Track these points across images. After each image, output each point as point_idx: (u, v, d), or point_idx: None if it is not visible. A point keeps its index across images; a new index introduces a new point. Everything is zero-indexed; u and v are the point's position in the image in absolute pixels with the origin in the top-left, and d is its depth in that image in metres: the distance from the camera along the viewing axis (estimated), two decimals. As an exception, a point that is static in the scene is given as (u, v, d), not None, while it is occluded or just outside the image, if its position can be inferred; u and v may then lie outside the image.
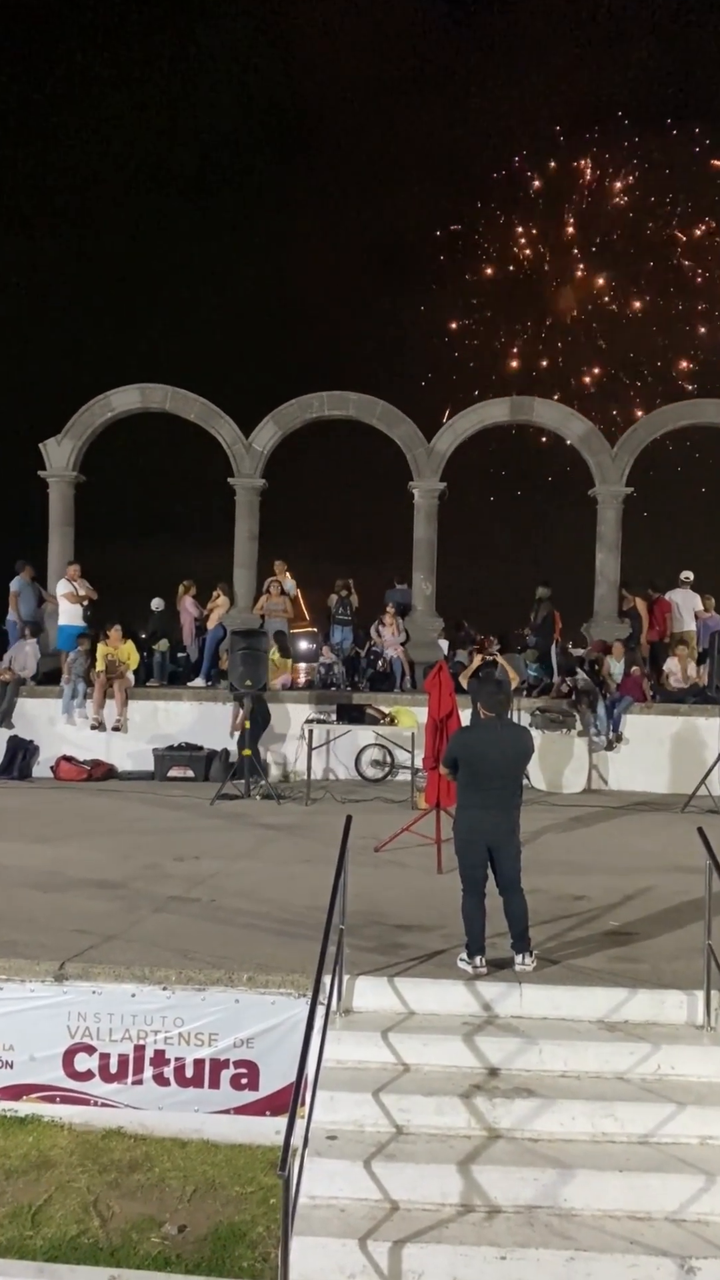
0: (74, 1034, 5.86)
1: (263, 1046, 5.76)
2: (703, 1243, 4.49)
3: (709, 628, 15.02)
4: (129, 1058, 5.82)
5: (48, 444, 16.09)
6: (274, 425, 16.18)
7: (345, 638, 15.62)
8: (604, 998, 5.74)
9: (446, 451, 16.12)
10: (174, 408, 16.33)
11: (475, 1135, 5.01)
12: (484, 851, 6.10)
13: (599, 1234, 4.54)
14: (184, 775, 13.38)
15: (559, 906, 7.40)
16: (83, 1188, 5.20)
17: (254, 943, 6.45)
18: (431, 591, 16.15)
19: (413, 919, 7.04)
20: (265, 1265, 4.62)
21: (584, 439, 16.21)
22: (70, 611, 14.73)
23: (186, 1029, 5.80)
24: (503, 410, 16.54)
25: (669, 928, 6.98)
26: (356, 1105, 5.09)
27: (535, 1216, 4.64)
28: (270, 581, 15.80)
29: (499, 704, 6.40)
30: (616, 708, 13.64)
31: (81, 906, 7.26)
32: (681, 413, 16.38)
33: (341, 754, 13.74)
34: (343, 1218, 4.62)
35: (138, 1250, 4.75)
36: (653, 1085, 5.27)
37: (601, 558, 16.10)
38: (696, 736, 13.28)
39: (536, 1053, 5.39)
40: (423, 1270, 4.41)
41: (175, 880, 8.12)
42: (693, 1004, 5.69)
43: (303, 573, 17.87)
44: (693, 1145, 4.99)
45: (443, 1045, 5.44)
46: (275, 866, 8.66)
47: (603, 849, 9.76)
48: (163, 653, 15.51)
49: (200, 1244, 4.81)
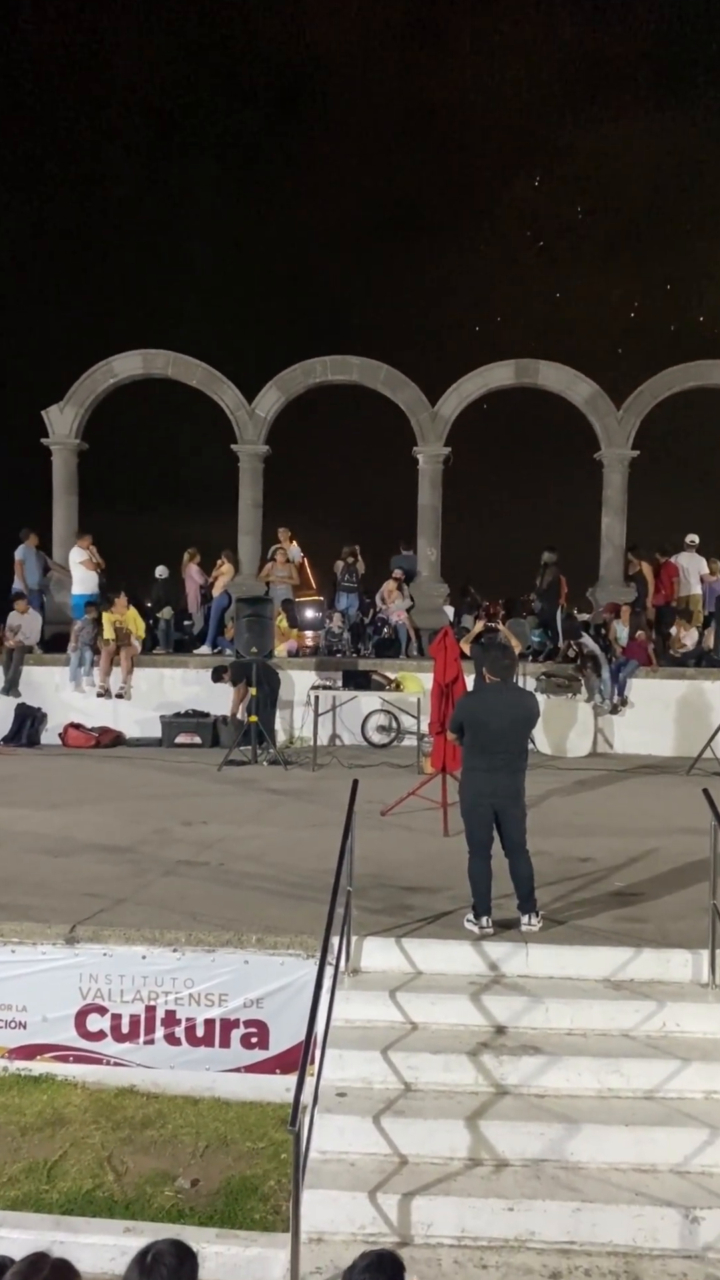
0: (86, 995, 5.94)
1: (272, 1006, 5.84)
2: (706, 1194, 4.57)
3: (714, 591, 14.99)
4: (140, 1018, 5.90)
5: (50, 411, 16.00)
6: (277, 390, 16.07)
7: (351, 604, 15.61)
8: (610, 957, 5.80)
9: (451, 416, 16.00)
10: (176, 373, 16.21)
11: (483, 1091, 5.08)
12: (490, 814, 6.14)
13: (605, 1186, 4.62)
14: (191, 742, 13.45)
15: (565, 868, 7.45)
16: (97, 1144, 5.30)
17: (262, 905, 6.52)
18: (436, 557, 16.10)
19: (419, 881, 7.10)
20: (277, 1218, 4.71)
21: (590, 401, 16.07)
22: (85, 579, 14.72)
23: (197, 990, 5.88)
24: (507, 373, 16.37)
25: (674, 888, 7.03)
26: (365, 1063, 5.17)
27: (542, 1169, 4.72)
28: (275, 549, 15.76)
29: (504, 668, 6.41)
30: (622, 672, 13.65)
31: (92, 871, 7.33)
32: (689, 374, 16.19)
33: (348, 720, 13.78)
34: (353, 1171, 4.70)
35: (151, 1204, 4.85)
36: (658, 1042, 5.34)
37: (607, 522, 16.01)
38: (702, 700, 13.29)
39: (543, 1011, 5.46)
40: (431, 1221, 4.50)
41: (184, 844, 8.18)
42: (698, 962, 5.75)
43: (311, 540, 17.78)
44: (697, 1100, 5.07)
45: (450, 1004, 5.51)
46: (283, 831, 8.72)
47: (608, 811, 9.81)
48: (167, 620, 15.52)
49: (213, 1197, 4.90)
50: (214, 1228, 4.64)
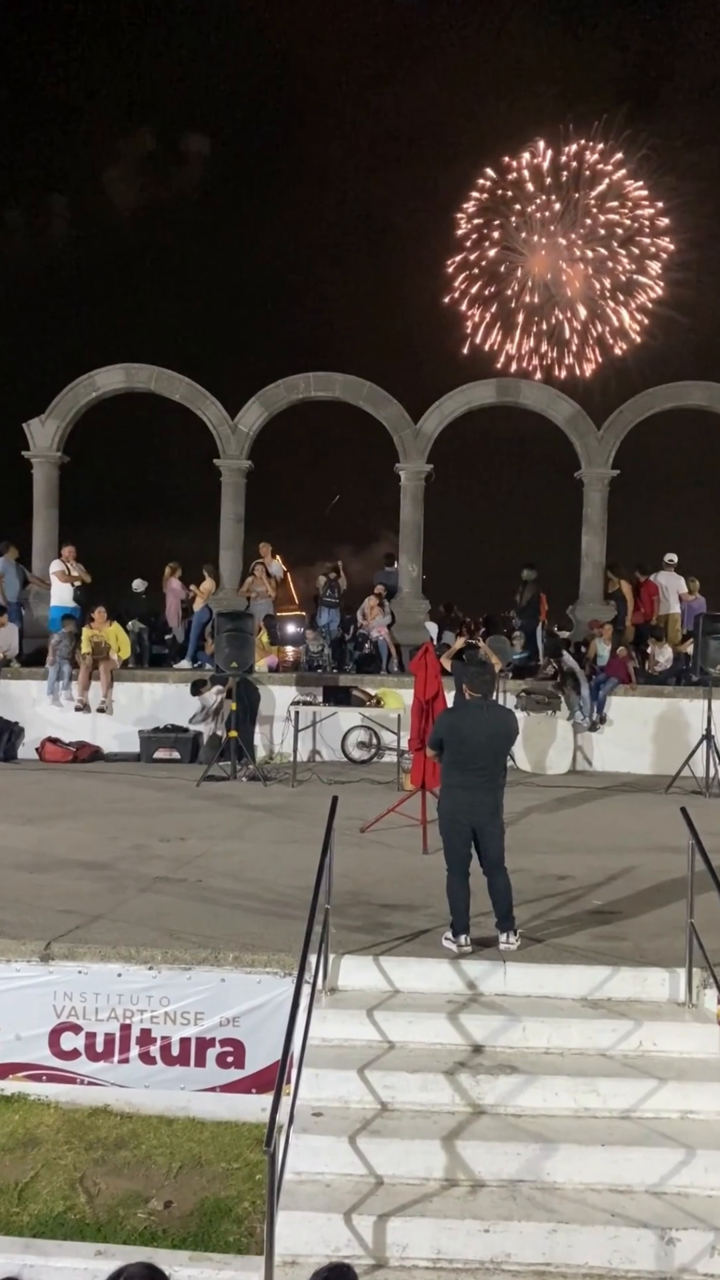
0: (60, 1013, 5.87)
1: (249, 1025, 5.79)
2: (682, 1214, 4.56)
3: (693, 610, 15.10)
4: (115, 1036, 5.84)
5: (31, 424, 15.96)
6: (260, 406, 16.10)
7: (332, 619, 15.62)
8: (587, 975, 5.79)
9: (433, 433, 16.09)
10: (159, 388, 16.23)
11: (459, 1111, 5.05)
12: (468, 831, 6.13)
13: (581, 1207, 4.60)
14: (170, 757, 13.38)
15: (543, 886, 7.45)
16: (69, 1165, 5.23)
17: (240, 922, 6.47)
18: (418, 573, 16.14)
19: (398, 898, 7.08)
20: (251, 1240, 4.66)
21: (570, 421, 16.20)
22: (61, 592, 14.65)
23: (172, 1008, 5.82)
24: (489, 391, 16.50)
25: (652, 906, 7.04)
26: (342, 1082, 5.14)
27: (518, 1190, 4.70)
28: (256, 564, 15.76)
29: (484, 684, 6.41)
30: (601, 689, 13.70)
31: (67, 887, 7.27)
32: (668, 395, 16.38)
33: (328, 736, 13.76)
34: (328, 1192, 4.66)
35: (124, 1226, 4.79)
36: (635, 1061, 5.33)
37: (587, 540, 16.12)
38: (681, 718, 13.36)
39: (520, 1030, 5.44)
40: (407, 1243, 4.46)
41: (161, 861, 8.13)
42: (674, 981, 5.76)
43: (292, 555, 17.83)
44: (673, 1119, 5.06)
45: (427, 1023, 5.48)
46: (261, 847, 8.68)
47: (587, 829, 9.82)
48: (138, 633, 15.42)
49: (186, 1219, 4.85)
50: (187, 1250, 4.59)
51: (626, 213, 33.88)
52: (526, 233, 34.73)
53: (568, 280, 34.11)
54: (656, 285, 32.67)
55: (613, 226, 34.74)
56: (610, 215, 34.53)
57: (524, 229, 34.75)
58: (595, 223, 34.62)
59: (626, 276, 33.40)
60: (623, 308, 33.81)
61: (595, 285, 34.27)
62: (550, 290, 34.21)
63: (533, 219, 34.77)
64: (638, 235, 33.73)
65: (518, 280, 34.46)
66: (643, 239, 33.50)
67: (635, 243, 34.34)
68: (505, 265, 34.79)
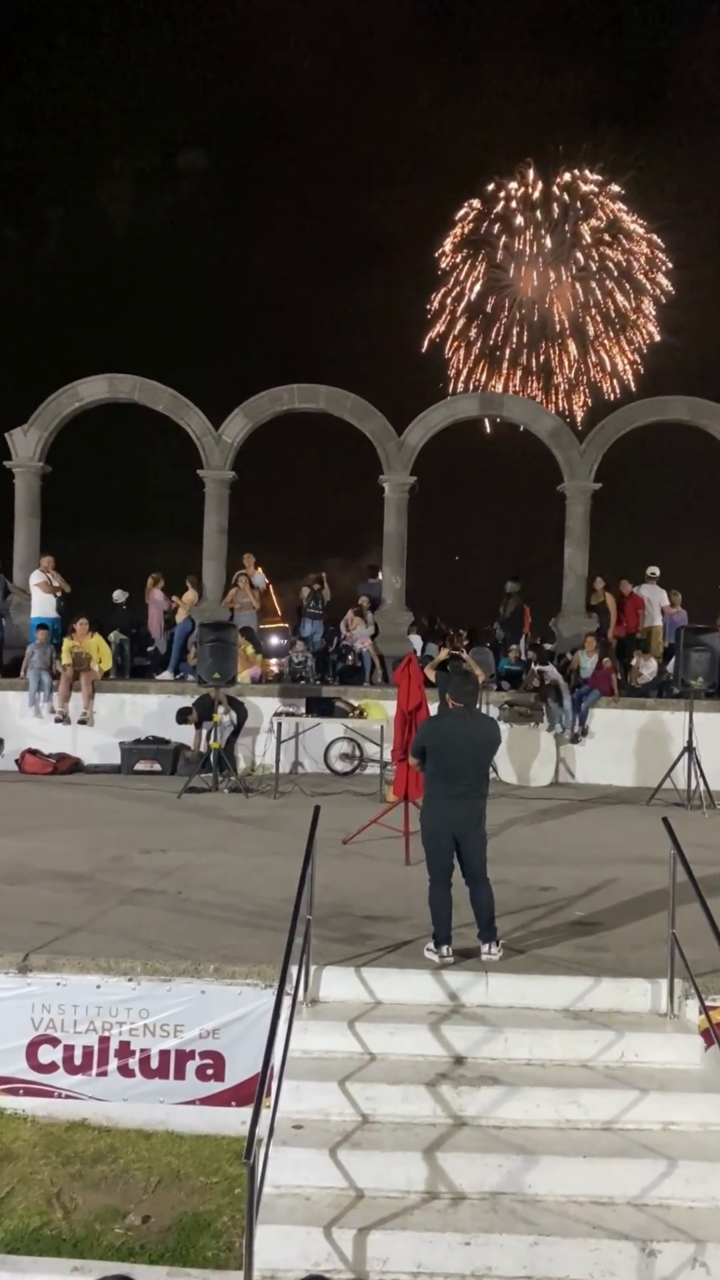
0: (38, 1026, 5.80)
1: (229, 1037, 5.74)
2: (664, 1226, 4.54)
3: (675, 623, 15.17)
4: (93, 1049, 5.77)
5: (13, 433, 15.91)
6: (244, 417, 16.11)
7: (316, 631, 15.59)
8: (569, 986, 5.77)
9: (417, 445, 16.13)
10: (142, 398, 16.21)
11: (441, 1123, 5.02)
12: (450, 842, 6.12)
13: (562, 1219, 4.57)
14: (151, 769, 13.30)
15: (526, 897, 7.44)
16: (45, 1180, 5.15)
17: (220, 934, 6.42)
18: (401, 585, 16.16)
19: (380, 910, 7.05)
20: (230, 1255, 4.61)
21: (553, 434, 16.29)
22: (42, 602, 14.57)
23: (152, 1020, 5.76)
24: (473, 405, 16.59)
25: (634, 917, 7.04)
26: (322, 1094, 5.09)
27: (499, 1203, 4.67)
28: (239, 575, 15.73)
29: (468, 694, 6.41)
30: (584, 701, 13.74)
31: (46, 898, 7.20)
32: (650, 409, 16.51)
33: (310, 747, 13.72)
34: (308, 1206, 4.62)
35: (101, 1241, 4.72)
36: (616, 1072, 5.31)
37: (570, 552, 16.18)
38: (663, 730, 13.40)
39: (502, 1041, 5.42)
40: (387, 1257, 4.42)
41: (142, 872, 8.07)
42: (656, 992, 5.75)
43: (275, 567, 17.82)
44: (655, 1131, 5.04)
45: (409, 1034, 5.45)
46: (243, 859, 8.63)
47: (569, 841, 9.82)
48: (119, 644, 15.33)
49: (164, 1234, 4.79)
50: (165, 1266, 4.53)
51: (621, 249, 34.17)
52: (514, 266, 34.97)
53: (557, 316, 34.36)
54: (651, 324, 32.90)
55: (605, 259, 35.02)
56: (605, 249, 34.82)
57: (510, 262, 34.98)
58: (588, 256, 34.91)
59: (619, 314, 33.69)
60: (615, 346, 34.08)
61: (588, 322, 34.53)
62: (542, 323, 34.48)
63: (521, 253, 35.05)
64: (633, 272, 34.04)
65: (505, 317, 34.70)
66: (638, 276, 33.80)
67: (630, 278, 34.65)
68: (492, 299, 35.00)
